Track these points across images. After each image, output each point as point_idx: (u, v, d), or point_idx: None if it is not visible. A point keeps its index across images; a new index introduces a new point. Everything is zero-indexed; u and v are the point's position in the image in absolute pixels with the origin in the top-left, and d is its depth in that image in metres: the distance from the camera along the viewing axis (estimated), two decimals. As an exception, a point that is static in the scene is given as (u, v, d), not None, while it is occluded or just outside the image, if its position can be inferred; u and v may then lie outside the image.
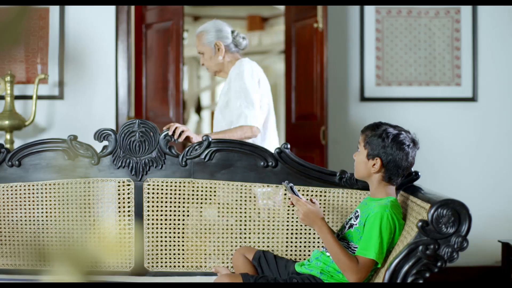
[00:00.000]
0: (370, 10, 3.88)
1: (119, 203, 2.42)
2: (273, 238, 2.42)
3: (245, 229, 2.43)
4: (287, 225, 2.42)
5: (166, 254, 2.42)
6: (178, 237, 2.43)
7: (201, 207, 2.44)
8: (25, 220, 2.44)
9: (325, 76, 3.67)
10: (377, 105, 3.89)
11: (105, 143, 2.44)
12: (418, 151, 2.13)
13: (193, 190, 2.42)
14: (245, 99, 2.67)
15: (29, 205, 2.44)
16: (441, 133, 3.92)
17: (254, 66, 2.80)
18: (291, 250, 2.42)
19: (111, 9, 3.66)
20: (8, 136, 3.38)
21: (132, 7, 3.93)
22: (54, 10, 3.57)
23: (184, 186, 2.42)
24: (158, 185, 2.42)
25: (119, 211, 2.41)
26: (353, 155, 2.16)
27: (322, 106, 3.68)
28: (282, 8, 7.07)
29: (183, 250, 2.42)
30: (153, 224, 2.41)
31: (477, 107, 3.92)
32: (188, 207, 2.43)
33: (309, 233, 2.42)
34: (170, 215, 2.42)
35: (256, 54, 8.63)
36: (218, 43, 2.80)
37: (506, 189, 3.91)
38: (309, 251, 2.41)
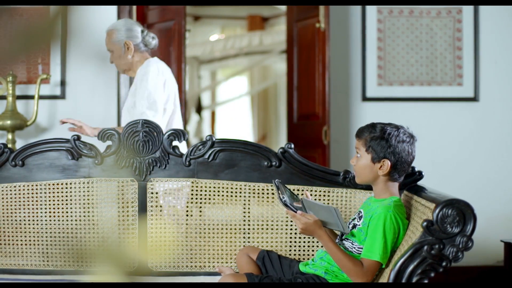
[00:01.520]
0: (372, 10, 3.88)
1: (122, 203, 2.42)
2: (276, 238, 2.42)
3: (248, 229, 2.43)
4: (291, 225, 2.42)
5: (169, 254, 2.42)
6: (182, 237, 2.43)
7: (204, 207, 2.44)
8: (29, 220, 2.44)
9: (327, 76, 3.67)
10: (379, 105, 3.90)
11: (109, 143, 2.44)
12: (419, 151, 2.14)
13: (196, 190, 2.42)
14: (147, 100, 2.72)
15: (33, 205, 2.44)
16: (443, 133, 3.93)
17: (161, 66, 2.83)
18: (295, 250, 2.42)
19: (112, 9, 3.67)
20: (10, 136, 3.38)
21: (134, 7, 3.92)
22: (54, 10, 3.56)
23: (187, 186, 2.42)
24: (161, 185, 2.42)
25: (123, 211, 2.41)
26: (351, 161, 2.14)
27: (324, 106, 3.68)
28: (282, 8, 7.07)
29: (186, 250, 2.42)
30: (156, 224, 2.41)
31: (478, 107, 3.93)
32: (191, 207, 2.43)
33: (313, 233, 2.41)
34: (174, 215, 2.42)
35: (256, 54, 8.62)
36: (128, 42, 2.83)
37: (507, 189, 3.92)
38: (313, 250, 2.41)
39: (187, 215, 2.43)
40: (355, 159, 2.12)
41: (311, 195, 2.39)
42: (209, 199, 2.43)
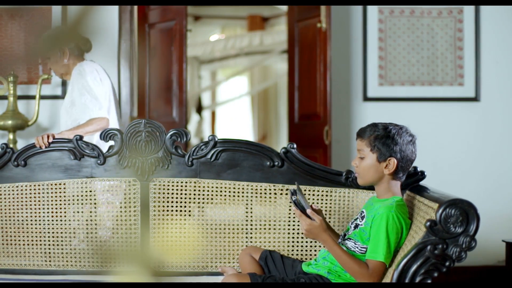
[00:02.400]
0: (373, 10, 3.88)
1: (125, 203, 2.41)
2: (279, 238, 2.42)
3: (251, 229, 2.43)
4: (293, 225, 2.42)
5: (172, 254, 2.42)
6: (184, 237, 2.43)
7: (207, 207, 2.44)
8: (31, 220, 2.44)
9: (328, 76, 3.67)
10: (380, 105, 3.90)
11: (111, 143, 2.44)
12: (420, 151, 2.15)
13: (199, 190, 2.42)
14: (89, 94, 2.83)
15: (35, 205, 2.44)
16: (444, 133, 3.93)
17: (95, 66, 2.95)
18: (297, 250, 2.42)
19: (114, 9, 3.66)
20: (11, 136, 3.38)
21: (135, 7, 3.92)
22: (56, 9, 3.57)
23: (190, 186, 2.42)
24: (164, 185, 2.42)
25: (125, 211, 2.41)
26: (353, 163, 2.13)
27: (325, 106, 3.68)
28: (282, 8, 7.07)
29: (189, 250, 2.42)
30: (159, 224, 2.41)
31: (479, 107, 3.93)
32: (194, 207, 2.43)
33: (315, 233, 2.41)
34: (176, 215, 2.42)
35: (257, 54, 8.62)
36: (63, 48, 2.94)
37: (508, 189, 3.92)
38: (315, 250, 2.41)
39: (189, 215, 2.43)
40: (357, 161, 2.10)
41: (313, 195, 2.39)
42: (212, 199, 2.43)
